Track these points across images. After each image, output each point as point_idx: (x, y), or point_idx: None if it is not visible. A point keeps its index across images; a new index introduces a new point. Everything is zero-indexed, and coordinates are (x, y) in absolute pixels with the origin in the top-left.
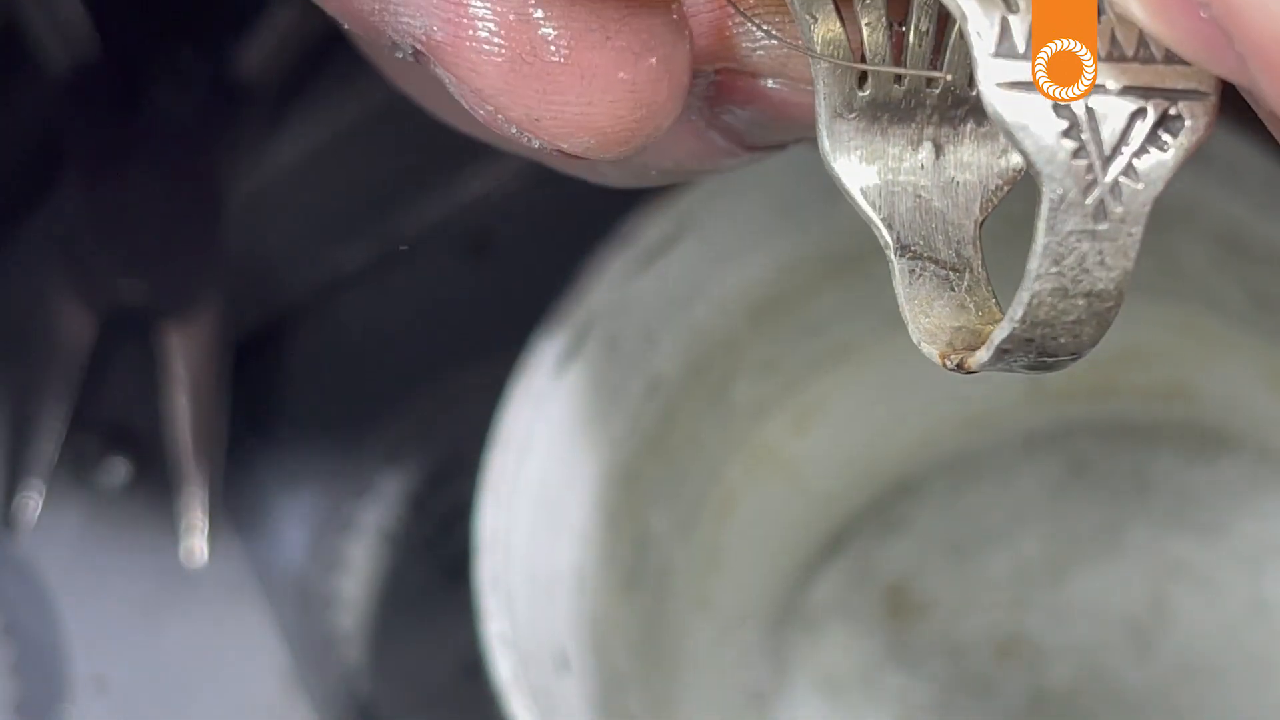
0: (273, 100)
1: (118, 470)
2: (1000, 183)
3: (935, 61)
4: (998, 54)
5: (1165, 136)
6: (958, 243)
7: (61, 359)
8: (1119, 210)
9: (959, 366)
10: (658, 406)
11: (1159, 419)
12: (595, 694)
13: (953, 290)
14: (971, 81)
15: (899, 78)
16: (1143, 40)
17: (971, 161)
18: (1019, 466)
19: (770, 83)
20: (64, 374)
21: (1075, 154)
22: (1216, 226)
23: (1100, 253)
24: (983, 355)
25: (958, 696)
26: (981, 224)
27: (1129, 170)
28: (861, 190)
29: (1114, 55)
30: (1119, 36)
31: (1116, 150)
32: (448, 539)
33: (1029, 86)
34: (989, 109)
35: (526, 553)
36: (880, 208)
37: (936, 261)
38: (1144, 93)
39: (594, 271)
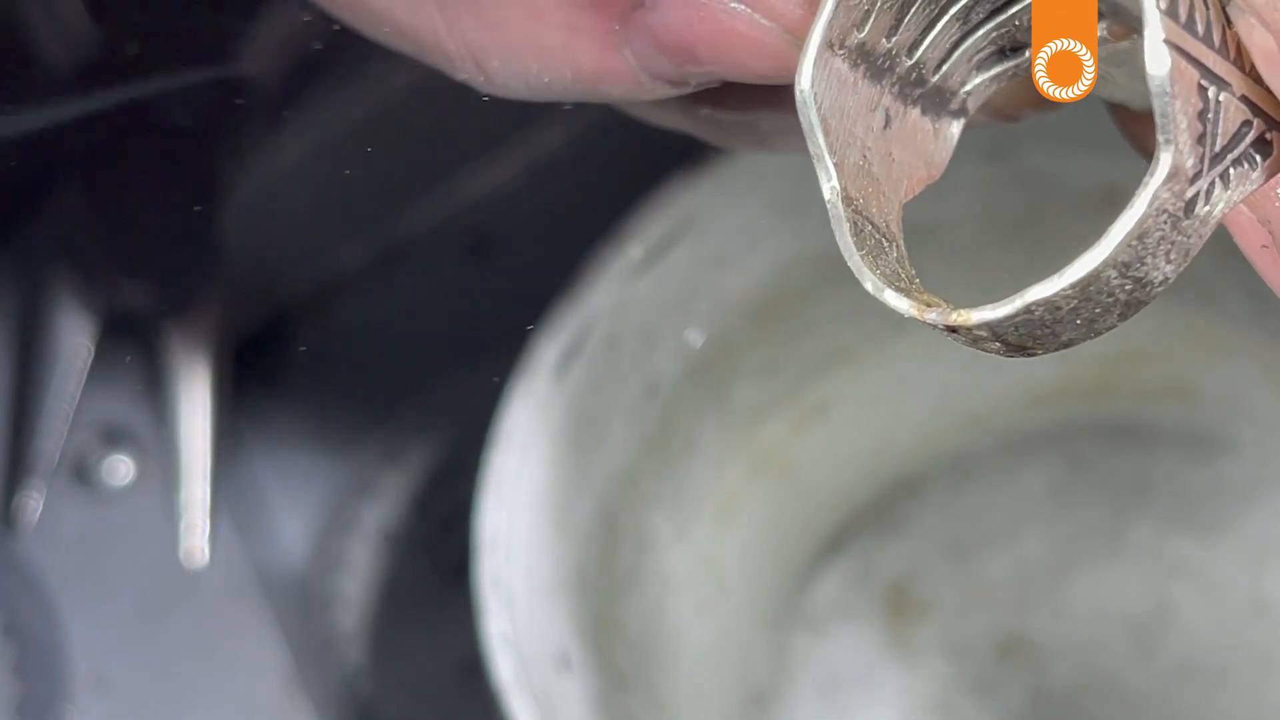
0: (273, 100)
1: (118, 470)
2: (925, 174)
3: (922, 39)
4: (1166, 11)
5: (1257, 156)
6: (887, 215)
7: (61, 359)
8: (1204, 210)
9: (949, 324)
10: (658, 407)
11: (1159, 419)
12: (595, 694)
13: (886, 255)
14: (936, 69)
15: (892, 31)
16: None
17: (908, 145)
18: (1019, 466)
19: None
20: (64, 374)
21: (1199, 139)
22: (1218, 227)
23: (1171, 245)
24: (1001, 311)
25: (958, 696)
26: (902, 206)
27: (1225, 176)
28: (822, 126)
29: (1237, 64)
30: (1243, 50)
31: (1225, 151)
32: (448, 539)
33: (1189, 56)
34: (1148, 62)
35: (526, 553)
36: (834, 151)
37: (872, 223)
38: (1253, 108)
39: (594, 271)
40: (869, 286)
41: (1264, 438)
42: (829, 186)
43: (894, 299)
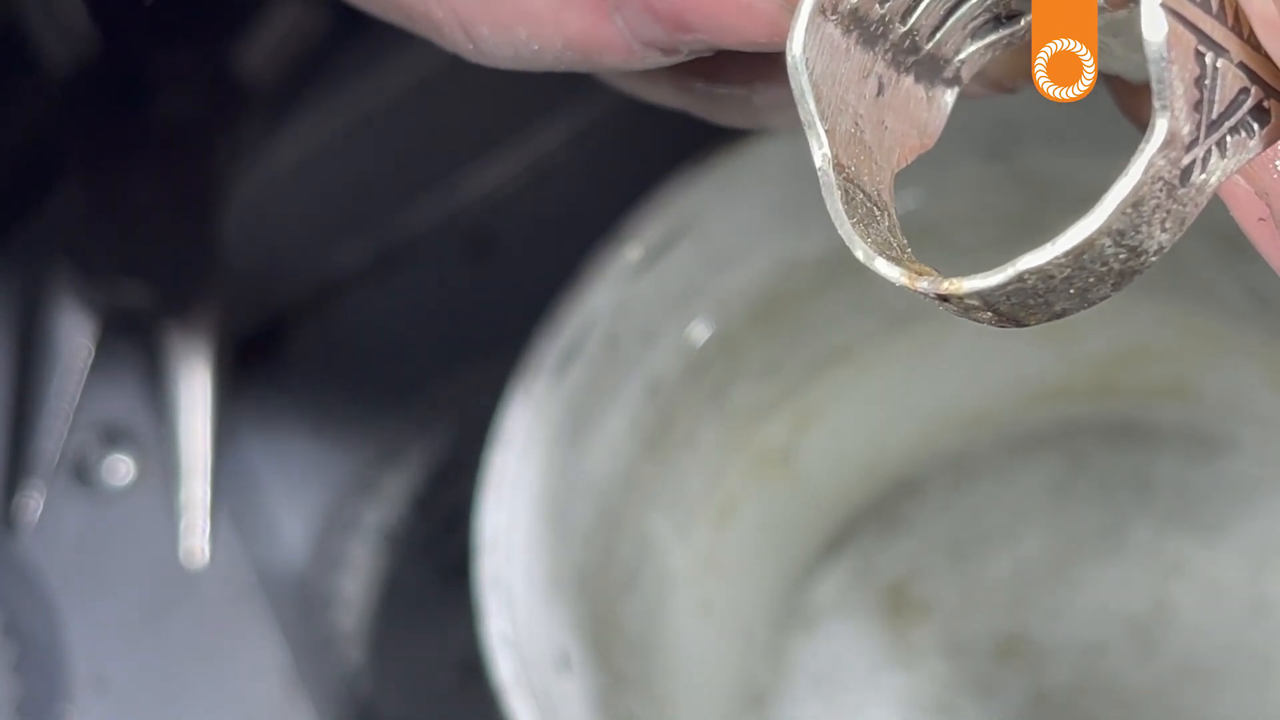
0: (273, 100)
1: (118, 470)
2: (918, 143)
3: (916, 5)
4: None
5: (1254, 124)
6: (879, 183)
7: (61, 359)
8: (1200, 179)
9: (940, 293)
10: (658, 407)
11: (1159, 419)
12: (595, 694)
13: (878, 224)
14: (930, 36)
15: None
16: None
17: (901, 113)
18: (1019, 466)
19: None
20: (64, 374)
21: (1196, 106)
22: (1218, 225)
23: (1166, 214)
24: (993, 279)
25: (958, 696)
26: (894, 175)
27: (1221, 143)
28: (813, 92)
29: (1235, 30)
30: (1242, 16)
31: (1223, 118)
32: (448, 539)
33: (1186, 21)
34: (1145, 27)
35: (526, 553)
36: (825, 118)
37: (863, 192)
38: (1251, 75)
39: (594, 271)
40: (860, 255)
41: (1264, 438)
42: (820, 154)
43: (885, 267)
